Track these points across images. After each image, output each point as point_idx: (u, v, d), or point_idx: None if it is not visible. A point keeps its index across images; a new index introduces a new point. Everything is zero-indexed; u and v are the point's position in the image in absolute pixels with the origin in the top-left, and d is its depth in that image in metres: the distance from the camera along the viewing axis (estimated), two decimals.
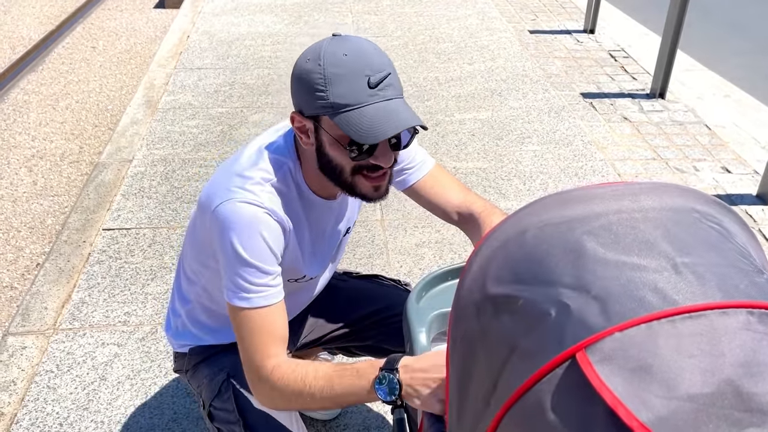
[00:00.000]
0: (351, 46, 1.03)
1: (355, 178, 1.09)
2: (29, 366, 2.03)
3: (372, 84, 1.01)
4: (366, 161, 1.07)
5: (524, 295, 0.58)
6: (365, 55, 1.02)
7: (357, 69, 1.01)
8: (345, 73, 1.01)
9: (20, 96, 4.31)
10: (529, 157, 3.23)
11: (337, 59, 1.01)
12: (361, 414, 1.87)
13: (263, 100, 3.82)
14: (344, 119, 1.01)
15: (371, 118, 1.00)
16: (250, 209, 1.07)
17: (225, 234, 1.07)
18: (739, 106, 3.89)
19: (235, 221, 1.06)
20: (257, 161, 1.13)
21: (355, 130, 1.01)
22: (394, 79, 1.04)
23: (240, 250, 1.06)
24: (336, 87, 1.01)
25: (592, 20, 4.87)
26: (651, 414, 0.47)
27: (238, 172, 1.12)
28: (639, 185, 0.64)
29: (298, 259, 1.21)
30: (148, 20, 5.89)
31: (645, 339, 0.49)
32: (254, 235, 1.07)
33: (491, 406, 0.59)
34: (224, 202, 1.08)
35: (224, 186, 1.10)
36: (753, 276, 0.55)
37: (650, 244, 0.56)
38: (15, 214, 3.06)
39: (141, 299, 2.30)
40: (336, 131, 1.04)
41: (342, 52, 1.02)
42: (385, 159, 1.07)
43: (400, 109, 1.02)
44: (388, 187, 1.14)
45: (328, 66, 1.01)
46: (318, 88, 1.02)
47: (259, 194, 1.09)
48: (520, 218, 0.65)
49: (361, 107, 1.01)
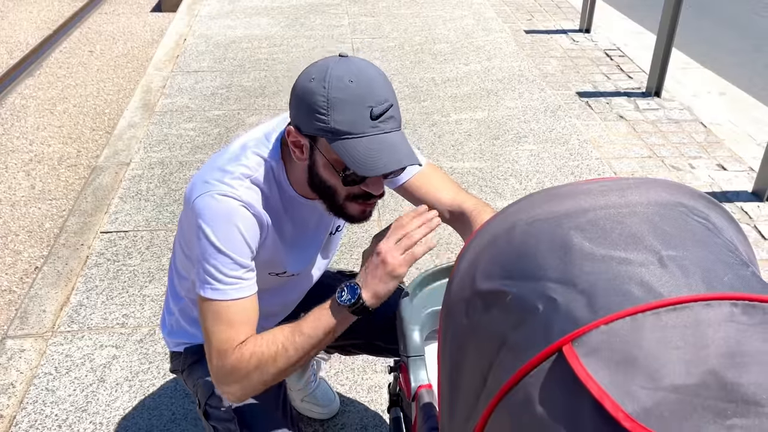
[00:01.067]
0: (357, 73, 1.03)
1: (347, 203, 1.12)
2: (28, 369, 2.04)
3: (374, 116, 1.02)
4: (358, 188, 1.09)
5: (513, 291, 0.59)
6: (370, 84, 1.03)
7: (361, 98, 1.01)
8: (348, 99, 1.01)
9: (18, 100, 4.31)
10: (526, 157, 3.24)
11: (342, 84, 1.01)
12: (358, 413, 1.87)
13: (260, 103, 3.83)
14: (342, 146, 1.02)
15: (369, 150, 1.02)
16: (226, 201, 1.09)
17: (200, 225, 1.08)
18: (734, 103, 3.90)
19: (211, 213, 1.08)
20: (239, 157, 1.15)
21: (352, 159, 1.02)
22: (396, 111, 1.05)
23: (214, 241, 1.07)
24: (338, 113, 1.01)
25: (588, 19, 4.88)
26: (636, 405, 0.47)
27: (220, 166, 1.14)
28: (626, 181, 0.64)
29: (278, 252, 1.22)
30: (145, 24, 5.89)
31: (630, 331, 0.50)
32: (229, 226, 1.08)
33: (481, 400, 0.59)
34: (203, 194, 1.09)
35: (204, 179, 1.12)
36: (738, 269, 0.56)
37: (637, 239, 0.57)
38: (13, 218, 3.06)
39: (139, 301, 2.30)
40: (332, 155, 1.05)
41: (348, 78, 1.02)
42: (377, 187, 1.09)
43: (398, 144, 1.04)
44: (372, 211, 1.17)
45: (333, 90, 1.01)
46: (319, 111, 1.02)
47: (237, 188, 1.10)
48: (508, 214, 0.65)
49: (360, 137, 1.02)
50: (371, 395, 1.93)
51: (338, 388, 1.95)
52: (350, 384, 1.97)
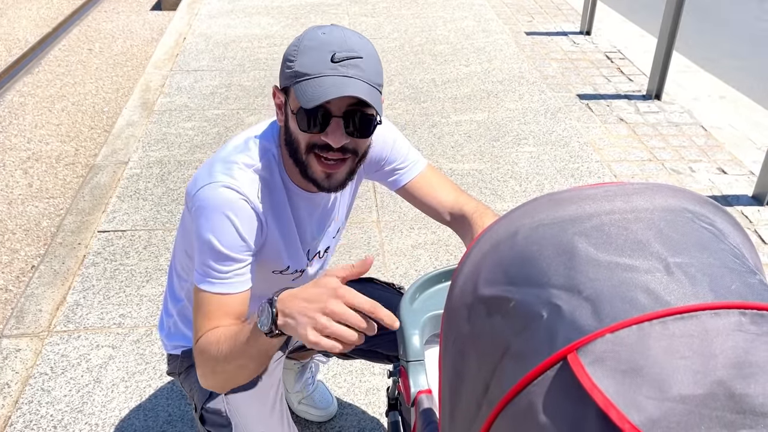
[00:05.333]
0: (334, 30, 1.05)
1: (309, 157, 1.09)
2: (23, 368, 2.02)
3: (335, 59, 1.01)
4: (318, 137, 1.06)
5: (516, 297, 0.58)
6: (342, 37, 1.04)
7: (327, 44, 1.02)
8: (315, 46, 1.03)
9: (16, 98, 4.30)
10: (526, 159, 3.23)
11: (314, 35, 1.04)
12: (356, 416, 1.86)
13: (259, 102, 3.82)
14: (300, 87, 1.03)
15: (321, 87, 1.01)
16: (227, 194, 1.08)
17: (200, 218, 1.08)
18: (734, 107, 3.90)
19: (210, 206, 1.07)
20: (242, 148, 1.14)
21: (304, 96, 1.01)
22: (366, 65, 1.03)
23: (211, 237, 1.07)
24: (303, 57, 1.03)
25: (589, 22, 4.88)
26: (642, 416, 0.46)
27: (223, 157, 1.13)
28: (631, 186, 0.63)
29: (279, 247, 1.21)
30: (145, 22, 5.88)
31: (636, 340, 0.49)
32: (227, 222, 1.08)
33: (483, 408, 0.58)
34: (204, 186, 1.09)
35: (206, 171, 1.12)
36: (745, 276, 0.55)
37: (642, 245, 0.56)
38: (10, 216, 3.05)
39: (136, 301, 2.29)
40: (294, 102, 1.06)
41: (322, 32, 1.05)
42: (335, 138, 1.05)
43: (353, 84, 1.01)
44: (345, 180, 1.12)
45: (305, 40, 1.05)
46: (290, 59, 1.05)
47: (240, 179, 1.10)
48: (511, 219, 0.64)
49: (318, 77, 1.01)
50: (369, 398, 1.92)
51: (336, 391, 1.93)
52: (348, 387, 1.96)
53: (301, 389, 1.81)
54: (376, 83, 1.05)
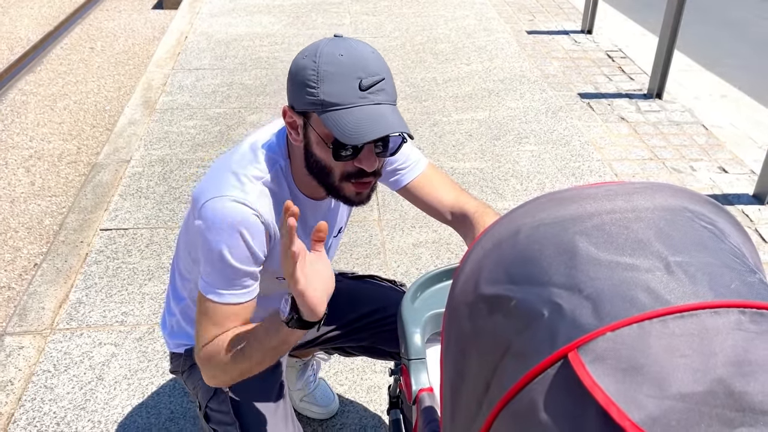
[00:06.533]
0: (348, 48, 1.03)
1: (342, 183, 1.10)
2: (26, 366, 2.03)
3: (363, 87, 1.01)
4: (351, 165, 1.07)
5: (517, 296, 0.58)
6: (361, 58, 1.02)
7: (350, 70, 1.01)
8: (338, 72, 1.01)
9: (18, 97, 4.30)
10: (527, 158, 3.24)
11: (332, 58, 1.01)
12: (357, 413, 1.87)
13: (261, 101, 3.82)
14: (331, 118, 1.01)
15: (357, 120, 1.00)
16: (237, 209, 1.07)
17: (209, 230, 1.08)
18: (736, 106, 3.90)
19: (220, 219, 1.07)
20: (251, 159, 1.14)
21: (340, 130, 1.00)
22: (388, 86, 1.04)
23: (223, 251, 1.07)
24: (327, 85, 1.01)
25: (590, 21, 4.87)
26: (643, 414, 0.47)
27: (232, 169, 1.12)
28: (632, 185, 0.64)
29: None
30: (147, 21, 5.88)
31: (637, 339, 0.49)
32: (237, 236, 1.07)
33: (484, 406, 0.59)
34: (213, 198, 1.09)
35: (216, 182, 1.11)
36: (745, 275, 0.55)
37: (643, 244, 0.56)
38: (13, 215, 3.05)
39: (138, 299, 2.29)
40: (322, 129, 1.04)
41: (338, 52, 1.02)
42: (369, 163, 1.06)
43: (388, 115, 1.02)
44: (370, 194, 1.14)
45: (323, 64, 1.01)
46: (310, 84, 1.02)
47: (250, 192, 1.09)
48: (513, 218, 0.65)
49: (349, 108, 1.01)
50: (370, 395, 1.92)
51: (337, 389, 1.94)
52: (349, 384, 1.96)
53: (302, 387, 1.81)
54: (395, 100, 1.07)
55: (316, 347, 1.60)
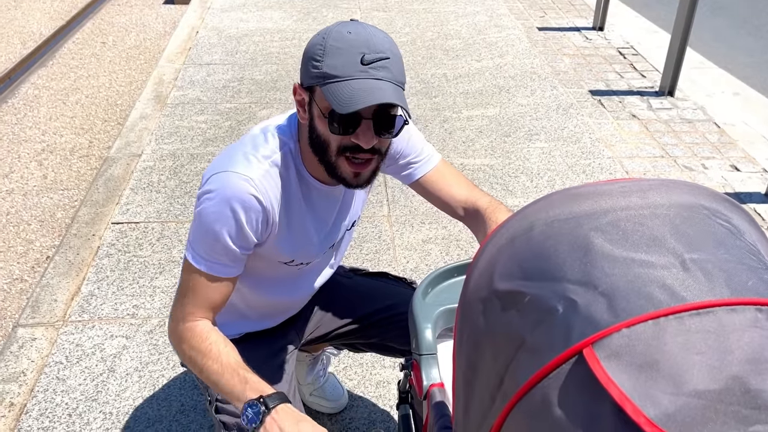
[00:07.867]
0: (359, 28, 1.05)
1: (339, 159, 1.09)
2: (39, 357, 2.05)
3: (365, 61, 1.02)
4: (348, 140, 1.07)
5: (531, 291, 0.58)
6: (369, 37, 1.04)
7: (355, 46, 1.02)
8: (343, 47, 1.03)
9: (31, 91, 4.33)
10: (537, 154, 3.23)
11: (340, 35, 1.04)
12: (366, 408, 1.87)
13: (271, 96, 3.83)
14: (330, 89, 1.03)
15: (353, 90, 1.01)
16: (240, 185, 1.09)
17: (208, 201, 1.10)
18: (748, 104, 3.86)
19: (221, 192, 1.09)
20: (261, 141, 1.15)
21: (336, 99, 1.01)
22: (393, 66, 1.04)
23: (213, 221, 1.09)
24: (331, 58, 1.03)
25: (601, 17, 4.85)
26: (658, 410, 0.47)
27: (240, 148, 1.14)
28: (647, 182, 0.64)
29: (286, 241, 1.21)
30: (158, 16, 5.90)
31: (652, 335, 0.49)
32: (233, 214, 1.09)
33: (497, 401, 0.59)
34: (218, 172, 1.10)
35: (224, 160, 1.13)
36: (762, 273, 0.55)
37: (658, 241, 0.56)
38: (25, 208, 3.08)
39: (149, 292, 2.31)
40: (322, 102, 1.05)
41: (347, 30, 1.04)
42: (366, 139, 1.06)
43: (385, 88, 1.02)
44: (370, 177, 1.14)
45: (330, 39, 1.04)
46: (315, 58, 1.05)
47: (256, 171, 1.11)
48: (527, 214, 0.65)
49: (348, 80, 1.02)
50: (380, 390, 1.93)
51: (347, 383, 1.95)
52: (359, 379, 1.97)
53: (312, 381, 1.82)
54: (401, 83, 1.07)
55: (327, 343, 1.60)
